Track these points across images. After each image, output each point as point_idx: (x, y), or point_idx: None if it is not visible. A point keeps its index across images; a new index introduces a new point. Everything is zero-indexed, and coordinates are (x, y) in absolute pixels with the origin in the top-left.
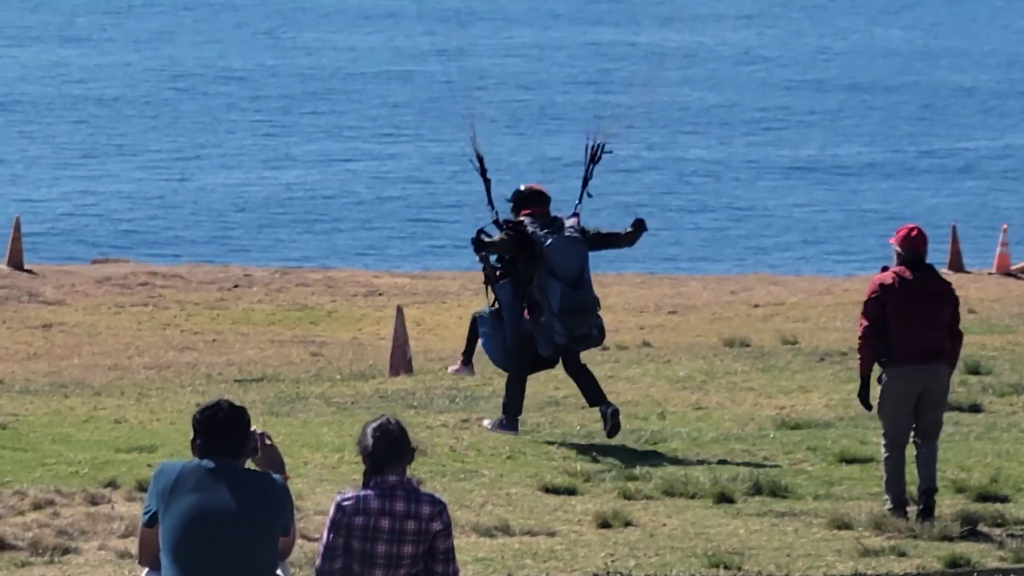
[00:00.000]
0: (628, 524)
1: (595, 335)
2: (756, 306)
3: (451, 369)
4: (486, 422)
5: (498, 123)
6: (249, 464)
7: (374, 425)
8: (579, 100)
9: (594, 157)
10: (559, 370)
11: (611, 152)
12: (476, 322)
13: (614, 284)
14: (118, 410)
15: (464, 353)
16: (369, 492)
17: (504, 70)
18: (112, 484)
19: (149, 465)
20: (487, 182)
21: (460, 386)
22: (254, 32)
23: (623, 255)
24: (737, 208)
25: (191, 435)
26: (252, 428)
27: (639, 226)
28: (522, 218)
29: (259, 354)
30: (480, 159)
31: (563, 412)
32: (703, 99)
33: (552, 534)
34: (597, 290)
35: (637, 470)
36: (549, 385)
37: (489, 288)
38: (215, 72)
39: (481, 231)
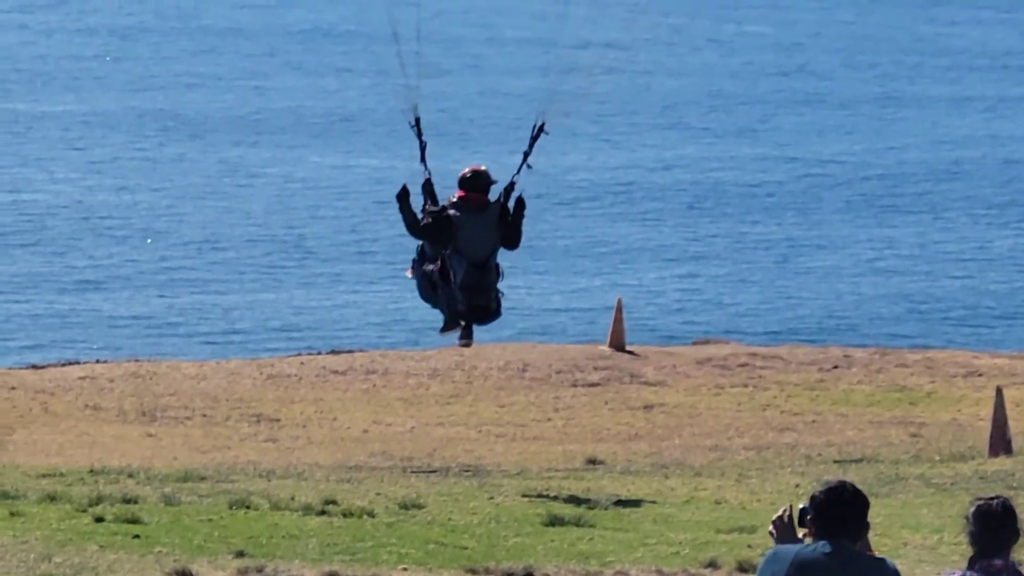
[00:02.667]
0: None
1: (493, 307)
2: None
3: None
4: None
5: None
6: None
7: (979, 504)
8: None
9: (535, 136)
10: None
11: (548, 133)
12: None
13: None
14: (718, 491)
15: None
16: (973, 574)
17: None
18: (712, 564)
19: (749, 546)
20: (423, 144)
21: None
22: None
23: None
24: None
25: (806, 515)
26: None
27: (520, 206)
28: (448, 201)
29: (858, 435)
30: (417, 121)
31: None
32: None
33: None
34: None
35: None
36: None
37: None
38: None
39: (403, 188)
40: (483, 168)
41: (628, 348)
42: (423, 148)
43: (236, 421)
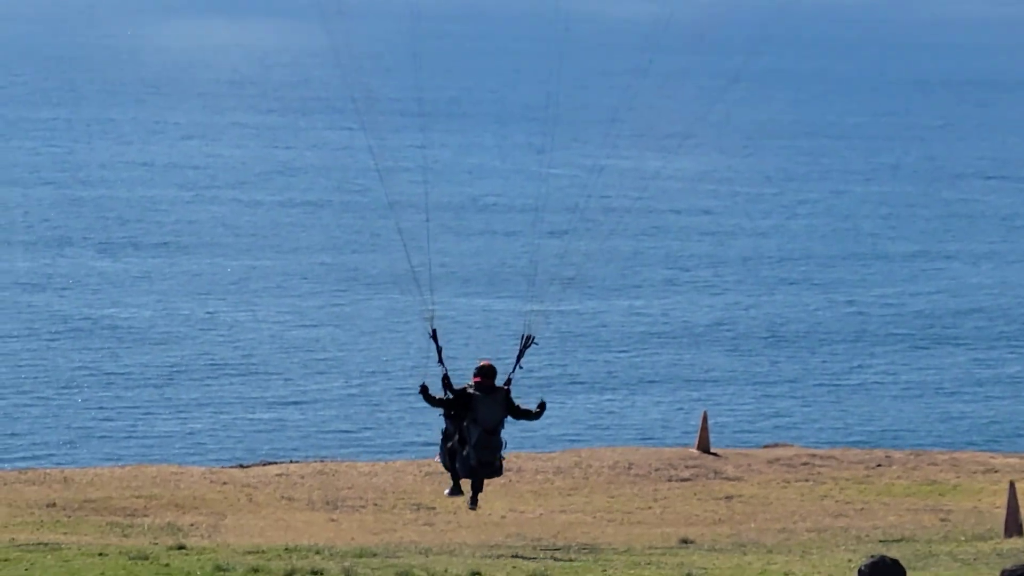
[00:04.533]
0: None
1: (497, 466)
2: None
3: None
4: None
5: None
6: None
7: (1007, 570)
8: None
9: (524, 347)
10: None
11: (538, 344)
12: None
13: None
14: (786, 564)
15: None
16: None
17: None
18: None
19: None
20: (439, 350)
21: None
22: None
23: None
24: None
25: None
26: None
27: (542, 408)
28: (468, 384)
29: (898, 520)
30: (435, 333)
31: None
32: None
33: None
34: None
35: None
36: None
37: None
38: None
39: (423, 385)
40: (491, 363)
41: (712, 451)
42: (440, 351)
43: (400, 509)
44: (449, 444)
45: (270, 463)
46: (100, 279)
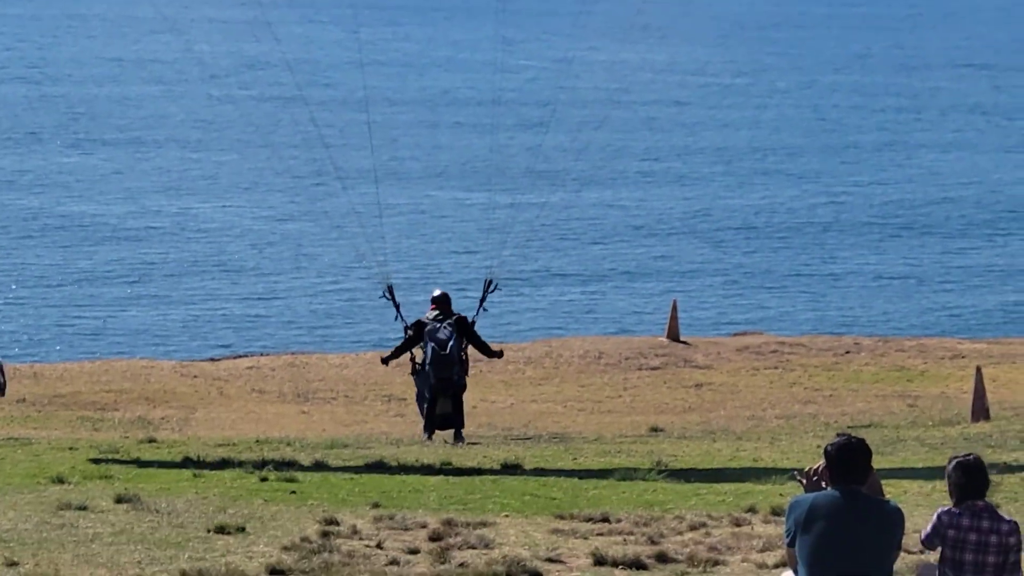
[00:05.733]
0: None
1: (455, 379)
2: None
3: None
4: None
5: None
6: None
7: (958, 460)
8: None
9: (487, 291)
10: None
11: (501, 289)
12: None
13: None
14: (755, 451)
15: None
16: (961, 511)
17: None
18: (752, 509)
19: (780, 495)
20: (397, 306)
21: None
22: None
23: None
24: None
25: (820, 464)
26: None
27: (499, 355)
28: (424, 316)
29: (866, 406)
30: (390, 290)
31: None
32: None
33: None
34: None
35: None
36: None
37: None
38: None
39: (383, 358)
40: (445, 292)
41: (682, 339)
42: (398, 308)
43: (371, 401)
44: (418, 369)
45: (240, 356)
46: (70, 176)
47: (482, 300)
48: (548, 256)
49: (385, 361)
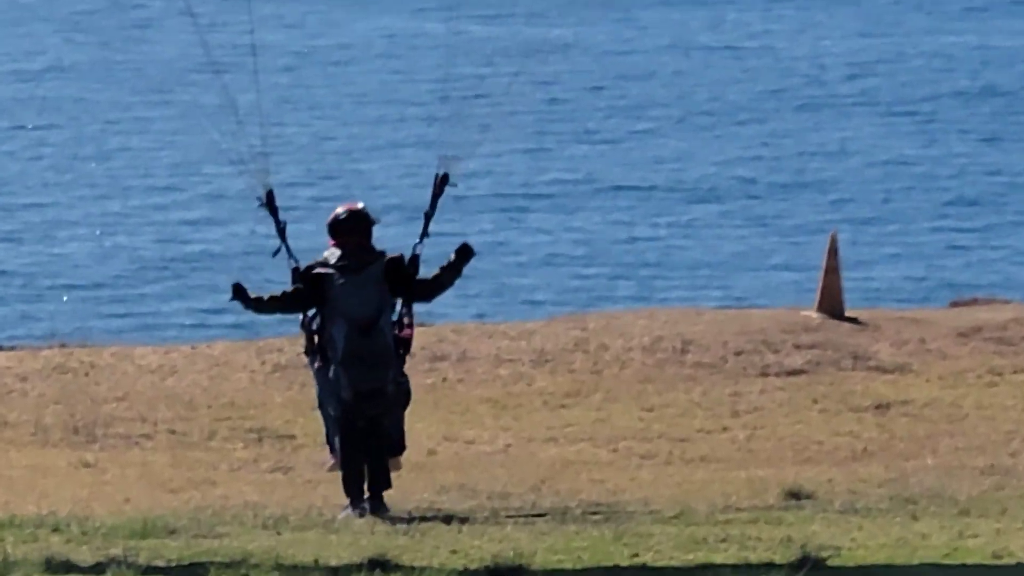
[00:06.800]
0: None
1: (390, 391)
2: None
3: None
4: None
5: None
6: None
7: None
8: None
9: (438, 190)
10: None
11: (455, 185)
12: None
13: None
14: (996, 538)
15: None
16: None
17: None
18: None
19: None
20: (280, 224)
21: None
22: None
23: None
24: None
25: None
26: None
27: (463, 256)
28: (322, 258)
29: None
30: (270, 196)
31: None
32: None
33: None
34: None
35: None
36: None
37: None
38: None
39: (238, 285)
40: (360, 206)
41: (848, 314)
42: (282, 229)
43: (224, 439)
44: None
45: None
46: None
47: (430, 212)
48: (574, 149)
49: (242, 297)
